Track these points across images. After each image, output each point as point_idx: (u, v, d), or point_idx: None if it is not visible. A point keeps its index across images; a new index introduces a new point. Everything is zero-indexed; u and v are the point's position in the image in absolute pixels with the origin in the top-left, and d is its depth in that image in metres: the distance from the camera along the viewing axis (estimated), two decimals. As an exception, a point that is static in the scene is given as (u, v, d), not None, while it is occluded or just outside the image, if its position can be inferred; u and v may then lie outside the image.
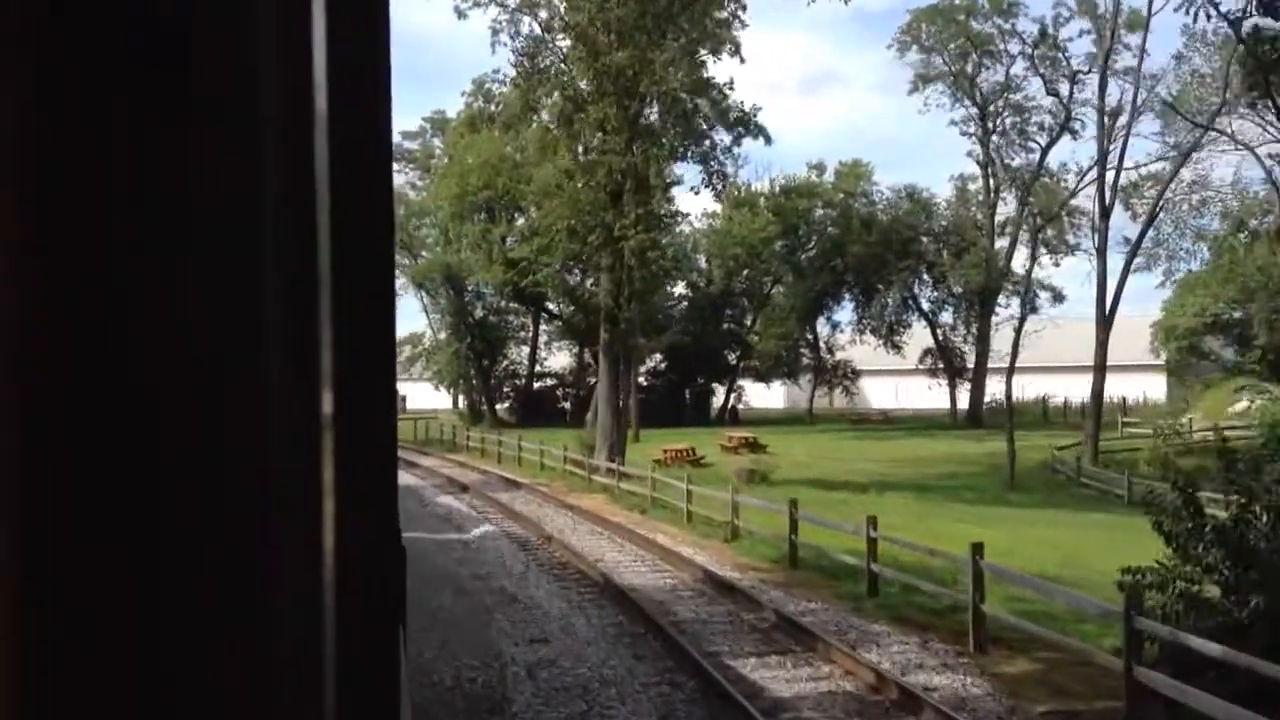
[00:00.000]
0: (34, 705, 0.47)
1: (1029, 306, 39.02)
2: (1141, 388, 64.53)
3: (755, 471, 31.33)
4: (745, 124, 29.65)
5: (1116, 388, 61.40)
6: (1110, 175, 38.46)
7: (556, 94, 30.80)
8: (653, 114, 29.52)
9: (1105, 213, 37.75)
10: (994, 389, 56.77)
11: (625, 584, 15.29)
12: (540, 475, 34.29)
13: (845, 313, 59.54)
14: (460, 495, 28.89)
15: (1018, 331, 37.46)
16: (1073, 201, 49.88)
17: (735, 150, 30.04)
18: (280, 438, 0.51)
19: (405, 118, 72.49)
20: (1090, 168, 39.53)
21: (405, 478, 34.46)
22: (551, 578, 16.32)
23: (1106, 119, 38.04)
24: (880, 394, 66.28)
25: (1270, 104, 24.72)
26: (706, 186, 29.96)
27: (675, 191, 32.32)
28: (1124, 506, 31.28)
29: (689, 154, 29.94)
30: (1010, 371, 36.31)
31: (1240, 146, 36.24)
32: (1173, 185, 41.07)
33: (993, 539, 21.50)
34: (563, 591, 15.14)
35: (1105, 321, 39.99)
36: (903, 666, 10.96)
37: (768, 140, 35.24)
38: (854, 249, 52.05)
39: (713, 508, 22.81)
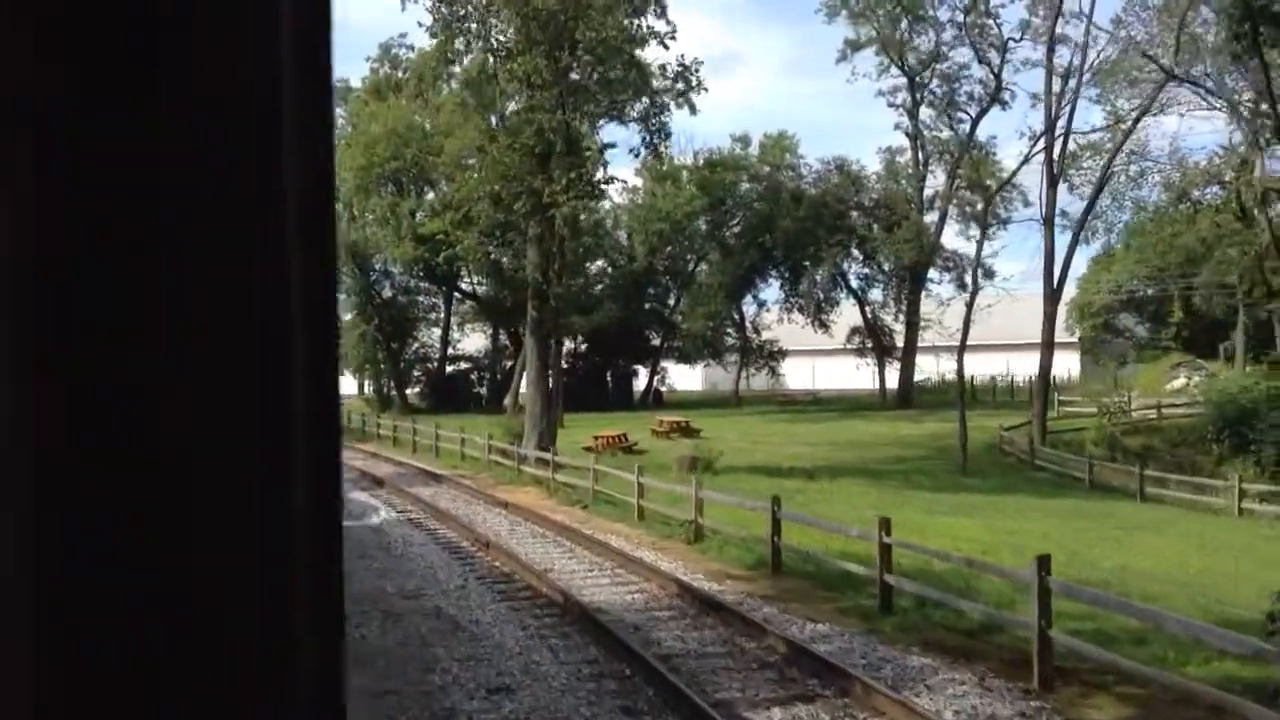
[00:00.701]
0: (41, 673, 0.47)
1: (976, 283, 37.26)
2: (1054, 366, 64.15)
3: (698, 459, 28.99)
4: (687, 80, 27.16)
5: (1024, 366, 60.92)
6: (1058, 144, 37.00)
7: (478, 45, 27.85)
8: (584, 68, 26.75)
9: (1054, 181, 36.31)
10: (922, 369, 55.59)
11: (588, 602, 12.76)
12: (462, 466, 31.49)
13: (771, 291, 57.71)
14: (375, 491, 25.95)
15: (969, 306, 35.77)
16: (1001, 175, 48.54)
17: (675, 107, 27.47)
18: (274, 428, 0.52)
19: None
20: (1039, 135, 37.94)
21: (312, 471, 31.25)
22: (497, 594, 13.69)
23: (1058, 81, 36.52)
24: (805, 375, 64.72)
25: (1256, 57, 23.28)
26: (647, 147, 27.34)
27: (608, 155, 29.68)
28: (1084, 490, 29.88)
29: (625, 113, 27.29)
30: (961, 349, 34.62)
31: (1218, 103, 35.00)
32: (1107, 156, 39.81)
33: (971, 532, 19.64)
34: (514, 614, 12.53)
35: (1054, 295, 38.66)
36: (971, 718, 8.66)
37: (692, 109, 32.76)
38: (783, 224, 50.02)
39: (660, 501, 20.43)
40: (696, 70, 27.30)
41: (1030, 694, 9.30)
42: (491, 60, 28.10)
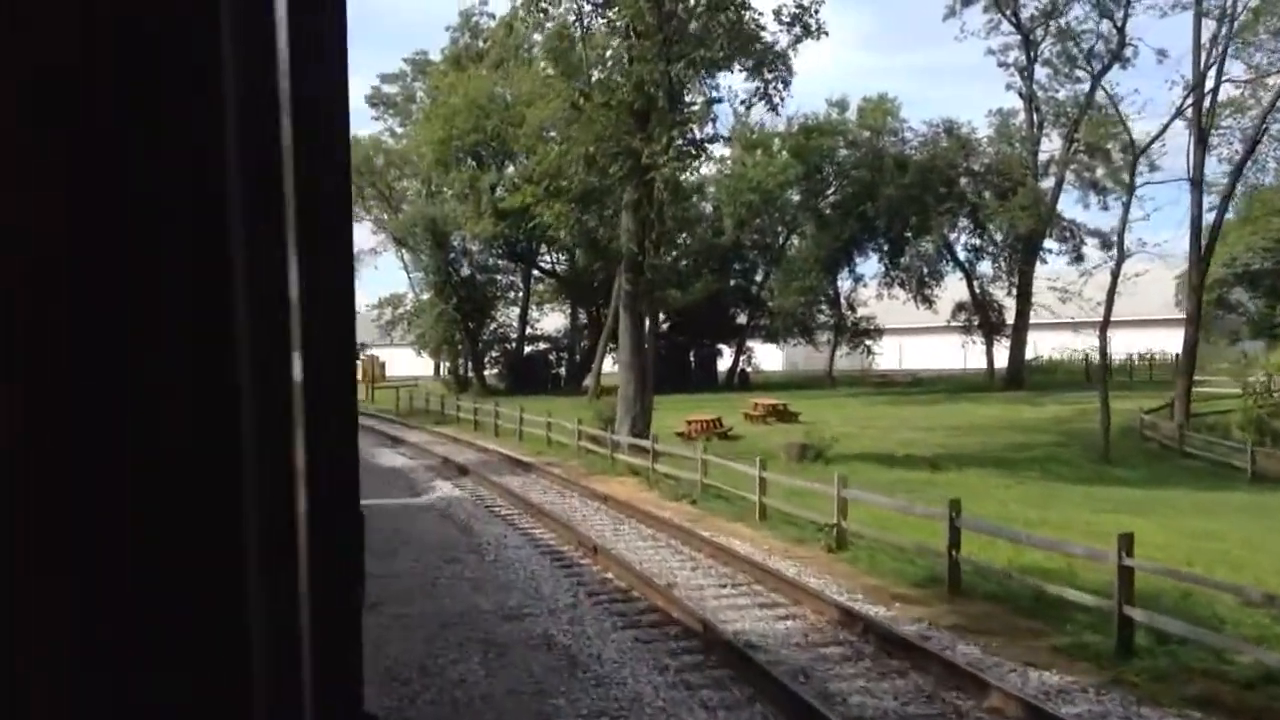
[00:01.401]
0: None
1: (1122, 251, 33.67)
2: (1158, 343, 59.91)
3: (808, 447, 26.30)
4: (805, 24, 24.26)
5: (1132, 343, 56.84)
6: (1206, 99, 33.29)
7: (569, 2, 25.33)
8: (691, 10, 23.97)
9: (1203, 138, 32.72)
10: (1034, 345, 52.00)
11: (734, 633, 10.26)
12: (549, 452, 29.23)
13: (867, 265, 54.48)
14: (460, 481, 23.76)
15: (1114, 276, 32.34)
16: (1122, 137, 44.66)
17: (793, 54, 24.50)
18: (251, 417, 0.51)
19: (384, 58, 66.66)
20: (1190, 90, 34.17)
21: (391, 457, 29.26)
22: (617, 618, 11.24)
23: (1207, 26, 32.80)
24: (902, 353, 61.48)
25: None
26: (761, 99, 24.51)
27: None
28: (1247, 481, 26.55)
29: (736, 62, 24.46)
30: (1105, 324, 31.26)
31: None
32: (1252, 113, 35.94)
33: (1154, 536, 16.63)
34: (644, 648, 10.06)
35: (1200, 264, 35.03)
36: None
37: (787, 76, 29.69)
38: (886, 191, 46.72)
39: (779, 496, 17.86)
40: (815, 10, 24.38)
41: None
42: (586, 10, 25.57)
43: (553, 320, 63.03)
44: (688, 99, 25.92)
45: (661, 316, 59.19)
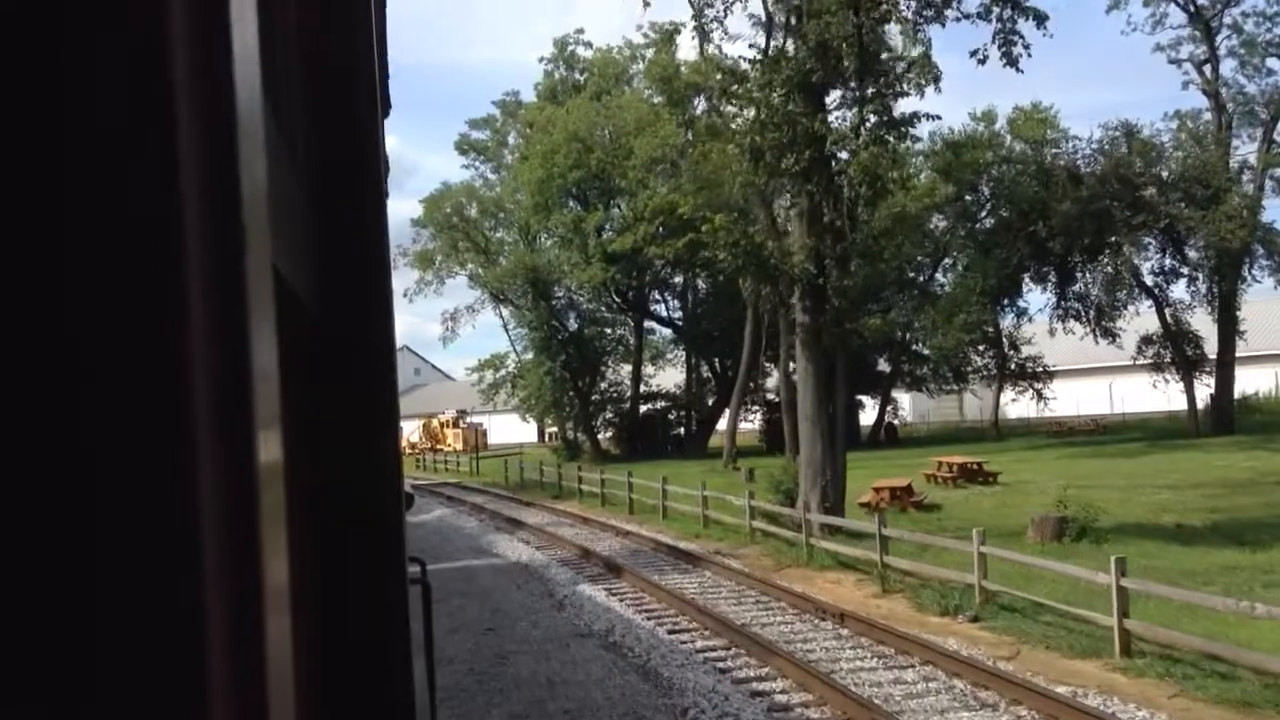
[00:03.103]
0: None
1: None
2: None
3: (1067, 520, 19.57)
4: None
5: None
6: None
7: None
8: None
9: None
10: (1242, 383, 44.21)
11: None
12: (709, 534, 23.02)
13: (1029, 297, 47.35)
14: (613, 584, 17.65)
15: None
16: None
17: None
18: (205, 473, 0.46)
19: (471, 108, 62.40)
20: None
21: (514, 547, 23.29)
22: None
23: None
24: (1074, 397, 53.96)
25: None
26: (1000, 49, 17.97)
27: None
28: None
29: (949, 7, 18.22)
30: None
31: None
32: None
33: None
34: None
35: None
36: None
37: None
38: (1061, 207, 39.83)
39: (1098, 606, 11.42)
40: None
41: None
42: None
43: (669, 376, 56.94)
44: (882, 60, 19.86)
45: (790, 365, 52.86)
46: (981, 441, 45.22)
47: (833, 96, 20.63)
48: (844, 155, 19.88)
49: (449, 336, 62.97)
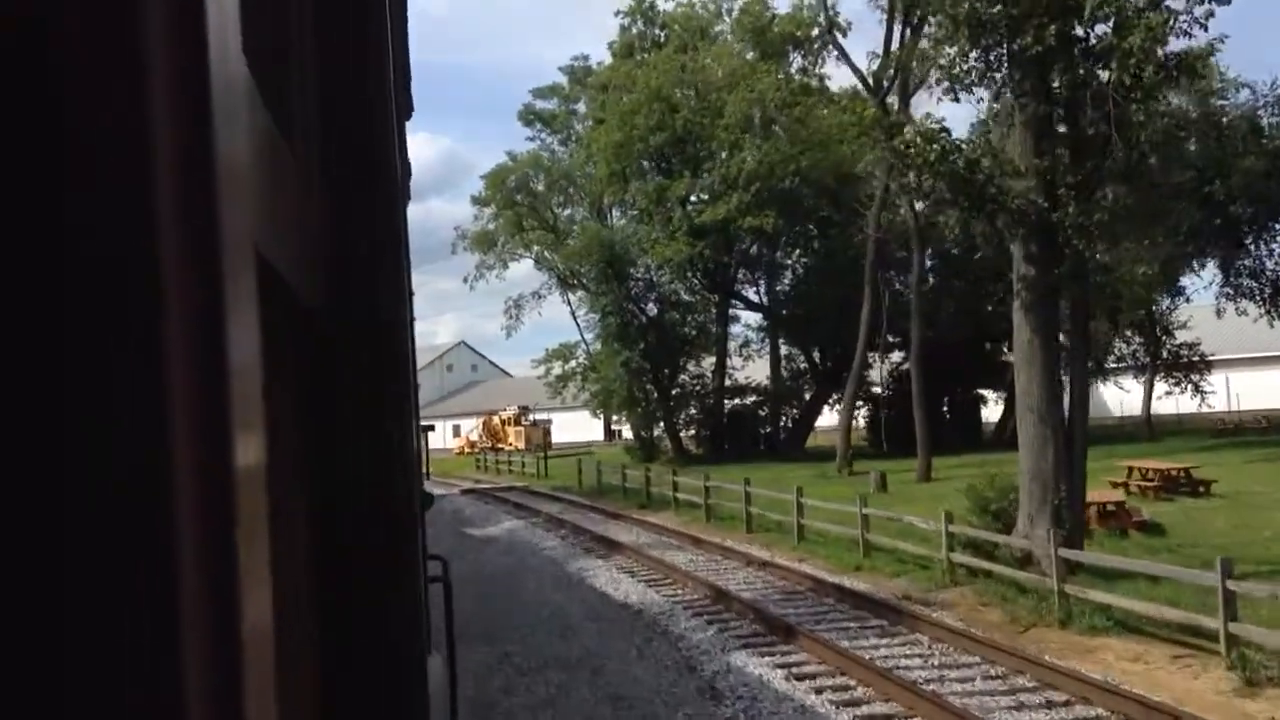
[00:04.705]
0: None
1: None
2: None
3: None
4: None
5: None
6: None
7: None
8: None
9: None
10: None
11: None
12: (879, 568, 17.08)
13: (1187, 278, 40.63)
14: (786, 652, 11.78)
15: None
16: None
17: None
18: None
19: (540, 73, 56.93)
20: None
21: (615, 581, 17.37)
22: None
23: None
24: (1232, 390, 47.20)
25: None
26: None
27: None
28: None
29: None
30: None
31: None
32: None
33: None
34: None
35: None
36: None
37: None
38: (1244, 164, 33.36)
39: None
40: None
41: None
42: None
43: (758, 368, 50.87)
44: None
45: (897, 355, 46.68)
46: (1133, 441, 38.63)
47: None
48: (1102, 30, 13.86)
49: (512, 325, 57.41)
